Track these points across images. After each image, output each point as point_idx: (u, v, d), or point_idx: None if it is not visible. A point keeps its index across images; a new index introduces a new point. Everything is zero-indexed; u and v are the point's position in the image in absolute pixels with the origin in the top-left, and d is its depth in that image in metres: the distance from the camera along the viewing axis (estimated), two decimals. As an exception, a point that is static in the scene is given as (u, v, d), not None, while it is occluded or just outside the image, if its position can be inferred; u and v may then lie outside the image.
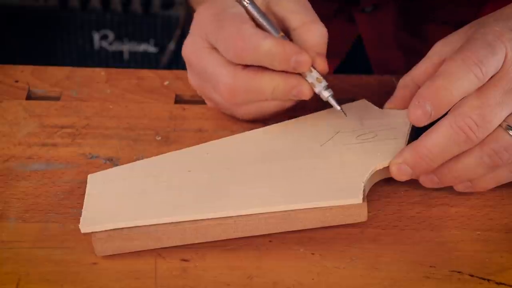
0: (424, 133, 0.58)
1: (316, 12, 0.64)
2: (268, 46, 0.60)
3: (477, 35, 0.58)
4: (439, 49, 0.62)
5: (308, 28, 0.62)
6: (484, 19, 0.61)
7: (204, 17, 0.64)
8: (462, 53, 0.56)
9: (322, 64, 0.62)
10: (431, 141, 0.57)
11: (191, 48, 0.65)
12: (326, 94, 0.62)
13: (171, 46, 1.69)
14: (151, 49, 1.68)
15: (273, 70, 0.61)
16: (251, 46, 0.60)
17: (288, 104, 0.64)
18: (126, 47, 1.66)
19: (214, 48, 0.63)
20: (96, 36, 1.64)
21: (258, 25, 0.62)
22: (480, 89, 0.56)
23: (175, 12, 1.71)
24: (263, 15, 0.63)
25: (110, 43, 1.65)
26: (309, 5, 0.64)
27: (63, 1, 1.63)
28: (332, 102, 0.62)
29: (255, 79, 0.61)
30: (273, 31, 0.62)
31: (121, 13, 1.64)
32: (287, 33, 0.63)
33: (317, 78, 0.62)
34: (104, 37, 1.64)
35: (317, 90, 0.62)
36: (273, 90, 0.62)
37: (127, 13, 1.64)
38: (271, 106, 0.64)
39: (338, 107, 0.62)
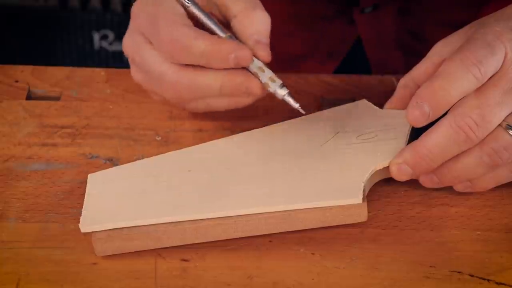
0: (424, 133, 0.58)
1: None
2: (202, 47, 0.58)
3: (476, 35, 0.58)
4: (439, 49, 0.62)
5: (247, 14, 0.61)
6: (484, 19, 0.61)
7: (139, 14, 0.62)
8: (461, 53, 0.56)
9: (263, 52, 0.60)
10: (431, 141, 0.57)
11: (131, 45, 0.63)
12: (281, 93, 0.60)
13: (171, 46, 1.69)
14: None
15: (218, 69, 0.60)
16: (184, 48, 0.58)
17: (245, 100, 0.62)
18: (126, 47, 1.66)
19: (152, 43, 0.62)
20: (96, 36, 1.64)
21: (203, 25, 0.61)
22: (480, 89, 0.56)
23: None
24: (207, 15, 0.61)
25: (110, 43, 1.65)
26: None
27: (63, 1, 1.63)
28: (289, 100, 0.60)
29: (200, 77, 0.60)
30: (218, 31, 0.61)
31: (121, 13, 1.64)
32: (228, 23, 0.62)
33: (270, 77, 0.60)
34: (104, 37, 1.64)
35: (271, 89, 0.60)
36: (221, 87, 0.60)
37: (127, 13, 1.64)
38: (223, 102, 0.62)
39: (296, 105, 0.60)
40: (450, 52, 0.60)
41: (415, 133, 0.60)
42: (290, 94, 0.60)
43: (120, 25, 1.64)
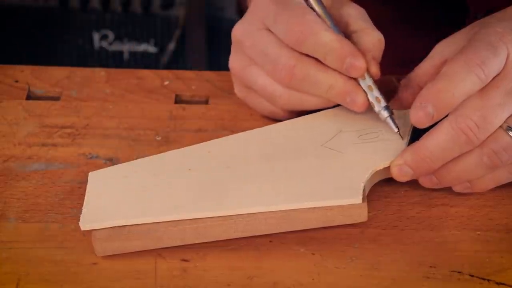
0: (425, 134, 0.58)
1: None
2: (328, 38, 0.59)
3: (479, 35, 0.58)
4: (441, 49, 0.61)
5: (367, 32, 0.62)
6: (487, 19, 0.60)
7: (263, 1, 0.63)
8: (464, 54, 0.56)
9: (375, 68, 0.61)
10: (432, 142, 0.57)
11: (244, 29, 0.64)
12: (384, 115, 0.61)
13: (171, 46, 1.70)
14: (151, 49, 1.68)
15: (334, 69, 0.61)
16: (312, 33, 0.59)
17: (328, 106, 0.63)
18: (126, 47, 1.66)
19: (270, 31, 0.62)
20: (96, 36, 1.64)
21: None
22: (482, 91, 0.56)
23: (175, 12, 1.71)
24: (327, 12, 0.62)
25: (110, 43, 1.65)
26: (368, 17, 0.64)
27: (63, 1, 1.63)
28: (390, 123, 0.61)
29: (316, 70, 0.61)
30: (334, 29, 0.61)
31: (121, 13, 1.64)
32: (346, 37, 0.62)
33: (376, 97, 0.61)
34: (104, 37, 1.65)
35: (376, 109, 0.61)
36: (329, 88, 0.61)
37: (127, 13, 1.64)
38: (315, 103, 0.63)
39: (396, 130, 0.61)
40: (452, 52, 0.60)
41: (416, 134, 0.60)
42: (392, 117, 0.61)
43: (120, 25, 1.64)
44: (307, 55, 0.61)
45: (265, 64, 0.63)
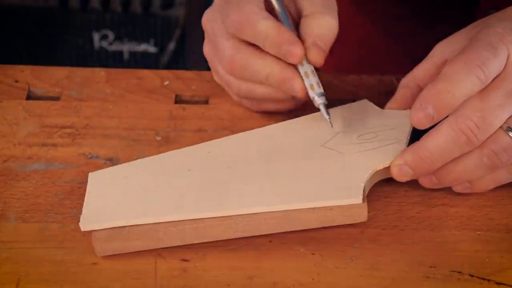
0: (425, 135, 0.58)
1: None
2: (264, 26, 0.61)
3: (479, 36, 0.57)
4: (441, 49, 0.61)
5: (316, 17, 0.63)
6: (487, 19, 0.60)
7: None
8: (465, 55, 0.56)
9: (315, 55, 0.62)
10: (432, 142, 0.57)
11: (207, 17, 0.67)
12: (318, 101, 0.62)
13: (171, 46, 1.70)
14: (151, 49, 1.68)
15: (273, 57, 0.62)
16: (249, 22, 0.61)
17: (280, 96, 0.64)
18: (126, 47, 1.66)
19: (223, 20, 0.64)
20: (96, 36, 1.64)
21: (275, 16, 0.63)
22: (482, 91, 0.56)
23: (175, 12, 1.71)
24: (282, 7, 0.64)
25: (110, 43, 1.65)
26: (328, 2, 0.64)
27: (63, 1, 1.63)
28: (322, 110, 0.62)
29: (254, 58, 0.62)
30: (283, 18, 0.63)
31: (121, 13, 1.64)
32: (299, 22, 0.64)
33: (311, 84, 0.62)
34: (104, 37, 1.65)
35: (311, 94, 0.62)
36: (268, 75, 0.62)
37: (127, 13, 1.64)
38: (263, 92, 0.64)
39: (327, 116, 0.62)
40: (452, 52, 0.59)
41: (416, 134, 0.60)
42: (325, 105, 0.62)
43: (120, 25, 1.64)
44: (251, 44, 0.63)
45: (217, 53, 0.65)
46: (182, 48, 1.73)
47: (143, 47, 1.66)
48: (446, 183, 0.60)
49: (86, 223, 0.57)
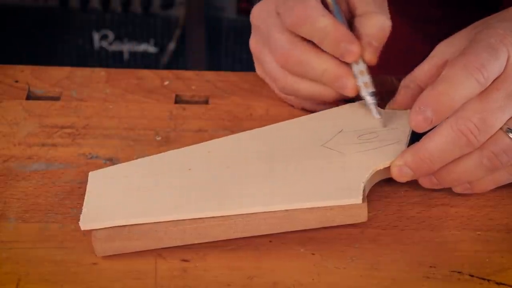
0: (425, 136, 0.58)
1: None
2: (324, 23, 0.61)
3: (480, 37, 0.57)
4: (442, 50, 0.61)
5: (370, 17, 0.63)
6: (488, 19, 0.60)
7: None
8: (464, 57, 0.56)
9: (371, 54, 0.63)
10: (432, 144, 0.57)
11: (259, 10, 0.67)
12: (370, 101, 0.63)
13: (171, 46, 1.70)
14: (151, 49, 1.68)
15: (329, 54, 0.62)
16: (309, 18, 0.61)
17: (324, 96, 0.65)
18: (126, 47, 1.66)
19: (278, 13, 0.64)
20: (96, 36, 1.64)
21: (328, 9, 0.64)
22: (482, 93, 0.56)
23: (175, 12, 1.71)
24: (338, 7, 0.64)
25: (110, 43, 1.65)
26: (381, 0, 0.65)
27: (63, 1, 1.63)
28: (373, 110, 0.62)
29: (310, 54, 0.63)
30: (338, 16, 0.63)
31: (121, 13, 1.64)
32: (352, 20, 0.64)
33: (365, 82, 0.63)
34: (104, 37, 1.65)
35: (363, 93, 0.63)
36: (324, 72, 0.63)
37: (127, 13, 1.64)
38: (308, 89, 0.65)
39: (377, 116, 0.62)
40: (452, 53, 0.59)
41: (416, 134, 0.60)
42: (376, 104, 0.63)
43: (120, 25, 1.64)
44: (306, 40, 0.63)
45: (269, 46, 0.65)
46: (182, 48, 1.73)
47: (143, 47, 1.67)
48: (446, 183, 0.60)
49: (86, 222, 0.57)
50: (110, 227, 0.57)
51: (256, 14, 0.67)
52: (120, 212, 0.57)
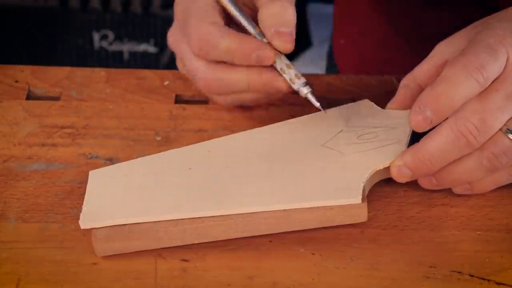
0: (425, 137, 0.58)
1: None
2: (225, 44, 0.61)
3: (479, 37, 0.57)
4: (442, 50, 0.61)
5: (268, 6, 0.62)
6: (487, 19, 0.60)
7: (177, 8, 0.65)
8: (464, 57, 0.56)
9: (283, 43, 0.61)
10: (431, 144, 0.57)
11: (172, 38, 0.66)
12: (304, 91, 0.62)
13: (171, 46, 1.69)
14: (151, 49, 1.68)
15: (247, 66, 0.62)
16: (208, 44, 0.61)
17: (274, 96, 0.65)
18: (126, 47, 1.66)
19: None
20: (96, 36, 1.64)
21: (232, 18, 0.63)
22: (481, 94, 0.56)
23: (175, 12, 1.70)
24: (238, 9, 0.63)
25: (110, 43, 1.65)
26: None
27: (63, 1, 1.63)
28: (311, 99, 0.62)
29: (228, 74, 0.62)
30: (249, 26, 0.63)
31: (121, 13, 1.64)
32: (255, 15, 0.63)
33: (295, 74, 0.62)
34: (104, 37, 1.64)
35: (295, 86, 0.62)
36: (248, 84, 0.62)
37: (127, 13, 1.64)
38: (252, 97, 0.65)
39: (317, 104, 0.62)
40: (452, 52, 0.59)
41: (416, 134, 0.60)
42: (313, 92, 0.62)
43: (120, 25, 1.64)
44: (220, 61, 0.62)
45: (191, 76, 0.65)
46: (182, 48, 1.72)
47: (143, 47, 1.66)
48: (445, 184, 0.60)
49: (86, 221, 0.57)
50: (110, 226, 0.57)
51: (172, 41, 0.66)
52: (120, 211, 0.57)
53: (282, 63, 0.62)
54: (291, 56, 0.64)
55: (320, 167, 0.60)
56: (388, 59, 0.87)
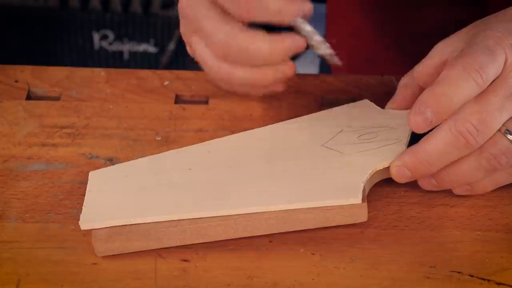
0: (424, 138, 0.58)
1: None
2: (277, 4, 0.60)
3: (477, 39, 0.57)
4: (441, 49, 0.61)
5: None
6: (486, 19, 0.60)
7: None
8: (463, 59, 0.56)
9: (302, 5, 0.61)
10: (430, 145, 0.57)
11: (188, 1, 0.65)
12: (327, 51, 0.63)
13: (171, 46, 1.70)
14: (151, 49, 1.68)
15: (270, 35, 0.61)
16: (260, 3, 0.60)
17: (263, 81, 0.64)
18: (126, 47, 1.66)
19: (213, 3, 0.63)
20: (96, 36, 1.64)
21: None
22: (480, 95, 0.56)
23: (175, 12, 1.71)
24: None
25: (110, 43, 1.65)
26: None
27: (63, 1, 1.63)
28: (333, 58, 0.63)
29: (255, 39, 0.61)
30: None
31: (121, 13, 1.64)
32: None
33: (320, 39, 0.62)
34: (104, 37, 1.64)
35: (321, 50, 0.63)
36: (270, 50, 0.61)
37: (127, 13, 1.64)
38: (242, 75, 0.64)
39: (339, 63, 0.62)
40: (451, 52, 0.59)
41: (416, 134, 0.60)
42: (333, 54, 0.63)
43: (120, 25, 1.64)
44: (246, 27, 0.62)
45: (203, 37, 0.64)
46: (182, 48, 1.72)
47: (143, 47, 1.66)
48: (445, 185, 0.60)
49: (86, 222, 0.57)
50: (110, 227, 0.57)
51: (185, 4, 0.65)
52: (120, 212, 0.57)
53: (307, 26, 0.62)
54: (294, 56, 0.64)
55: (320, 167, 0.60)
56: (379, 59, 0.88)
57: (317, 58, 1.04)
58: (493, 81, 0.56)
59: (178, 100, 0.71)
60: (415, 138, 0.59)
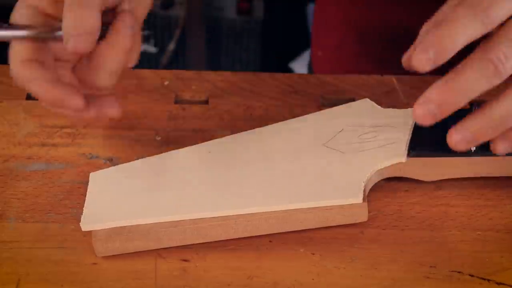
0: (451, 70, 0.55)
1: None
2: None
3: None
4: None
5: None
6: None
7: None
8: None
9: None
10: (458, 75, 0.54)
11: None
12: None
13: (171, 46, 1.70)
14: (151, 49, 1.68)
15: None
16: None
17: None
18: (126, 47, 1.66)
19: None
20: (96, 36, 1.64)
21: None
22: (504, 26, 0.54)
23: (175, 12, 1.71)
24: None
25: (110, 43, 1.64)
26: None
27: (63, 1, 1.62)
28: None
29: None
30: None
31: (121, 13, 1.63)
32: None
33: None
34: (104, 37, 1.64)
35: None
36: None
37: (127, 13, 1.64)
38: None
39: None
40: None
41: (416, 134, 0.60)
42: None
43: (120, 25, 1.63)
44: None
45: None
46: (182, 48, 1.73)
47: (143, 47, 1.66)
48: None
49: (87, 223, 0.57)
50: (111, 227, 0.57)
51: None
52: (120, 213, 0.57)
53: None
54: (294, 56, 0.63)
55: (320, 167, 0.60)
56: (364, 72, 0.88)
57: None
58: None
59: (178, 100, 0.71)
60: (415, 139, 0.59)
